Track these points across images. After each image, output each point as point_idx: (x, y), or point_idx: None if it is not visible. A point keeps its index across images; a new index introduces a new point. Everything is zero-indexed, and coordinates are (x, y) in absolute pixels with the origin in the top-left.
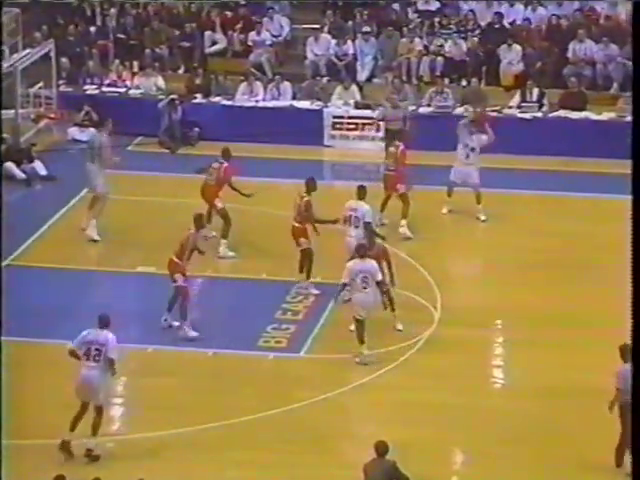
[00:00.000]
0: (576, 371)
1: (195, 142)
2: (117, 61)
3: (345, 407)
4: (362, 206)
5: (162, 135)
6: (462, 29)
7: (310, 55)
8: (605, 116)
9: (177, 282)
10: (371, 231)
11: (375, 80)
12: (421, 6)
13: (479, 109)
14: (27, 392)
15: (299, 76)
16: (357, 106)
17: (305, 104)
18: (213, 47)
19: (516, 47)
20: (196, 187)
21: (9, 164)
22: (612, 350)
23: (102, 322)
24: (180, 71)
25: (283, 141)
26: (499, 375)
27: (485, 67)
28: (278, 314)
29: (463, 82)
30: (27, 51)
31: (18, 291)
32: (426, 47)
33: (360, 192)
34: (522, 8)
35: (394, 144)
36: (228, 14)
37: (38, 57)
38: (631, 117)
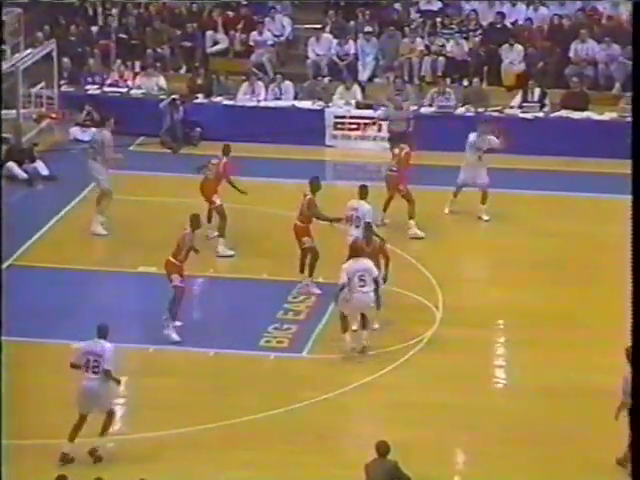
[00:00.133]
0: (577, 371)
1: (197, 142)
2: (119, 61)
3: (346, 407)
4: (363, 205)
5: (164, 135)
6: (464, 29)
7: (312, 55)
8: (607, 116)
9: (173, 282)
10: (371, 231)
11: (377, 80)
12: (423, 6)
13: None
14: (27, 392)
15: (301, 76)
16: (358, 106)
17: (307, 104)
18: (215, 47)
19: (518, 47)
20: (198, 187)
21: (11, 164)
22: (613, 350)
23: (100, 332)
24: (182, 71)
25: (285, 141)
26: (500, 375)
27: (487, 67)
28: (280, 314)
29: (465, 82)
30: (29, 51)
31: (20, 291)
32: (428, 47)
33: (362, 192)
34: (524, 8)
35: (399, 146)
36: (230, 14)
37: (40, 57)
38: (631, 117)
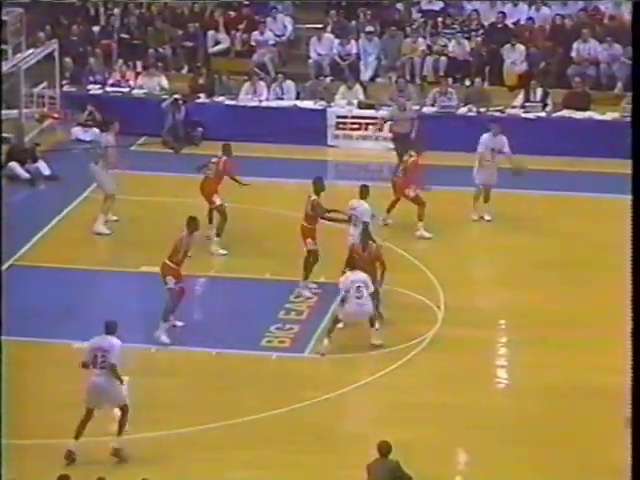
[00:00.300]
0: (578, 371)
1: (199, 142)
2: (120, 61)
3: (348, 407)
4: (361, 205)
5: (166, 135)
6: (466, 29)
7: (313, 55)
8: (609, 116)
9: (168, 284)
10: (367, 236)
11: (378, 80)
12: (424, 6)
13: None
14: (28, 392)
15: (302, 76)
16: (360, 106)
17: (308, 104)
18: (216, 47)
19: (520, 47)
20: (199, 187)
21: (13, 164)
22: (613, 350)
23: (108, 328)
24: (183, 71)
25: (286, 141)
26: (502, 375)
27: (489, 67)
28: (281, 314)
29: (467, 82)
30: (31, 51)
31: (22, 291)
32: (429, 47)
33: (362, 191)
34: (526, 8)
35: (409, 153)
36: (231, 14)
37: (42, 57)
38: (631, 117)
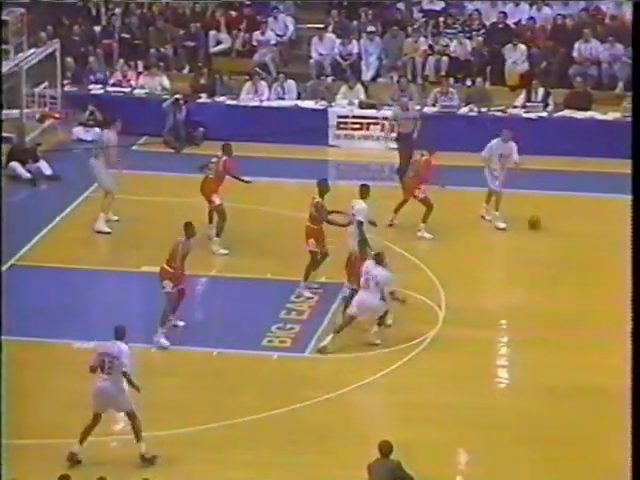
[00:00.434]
0: (579, 371)
1: (200, 142)
2: (122, 61)
3: (349, 407)
4: (359, 204)
5: (167, 135)
6: (467, 29)
7: (315, 55)
8: (610, 116)
9: (165, 289)
10: (365, 244)
11: (380, 80)
12: (426, 5)
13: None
14: (29, 392)
15: (304, 76)
16: (362, 106)
17: (310, 104)
18: (218, 47)
19: (521, 47)
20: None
21: (14, 164)
22: (613, 350)
23: (117, 333)
24: (185, 71)
25: (288, 141)
26: (503, 375)
27: (490, 67)
28: (282, 314)
29: (468, 82)
30: (32, 51)
31: (23, 291)
32: (431, 47)
33: (362, 191)
34: (527, 8)
35: (420, 153)
36: (233, 14)
37: (43, 57)
38: (631, 117)
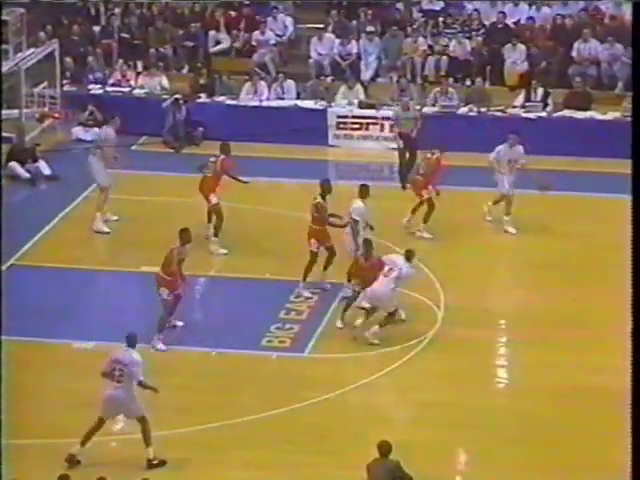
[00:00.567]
0: (579, 371)
1: (199, 142)
2: (121, 61)
3: (348, 407)
4: (356, 203)
5: (166, 135)
6: (466, 28)
7: (314, 55)
8: (610, 116)
9: (161, 296)
10: (370, 246)
11: (379, 80)
12: (425, 5)
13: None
14: (28, 392)
15: (303, 75)
16: (361, 106)
17: (309, 104)
18: (217, 47)
19: (520, 46)
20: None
21: (13, 163)
22: (613, 350)
23: (129, 341)
24: (184, 71)
25: (287, 141)
26: (502, 375)
27: (489, 67)
28: (282, 314)
29: (467, 82)
30: (31, 50)
31: (22, 291)
32: (430, 47)
33: (361, 191)
34: (526, 7)
35: (431, 151)
36: (232, 14)
37: (42, 57)
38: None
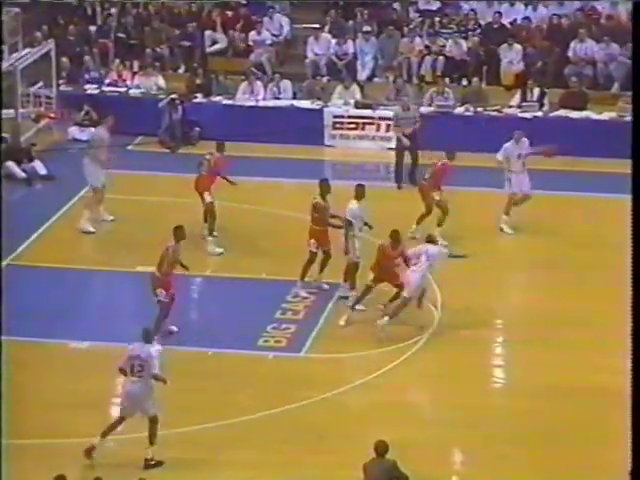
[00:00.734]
0: (579, 371)
1: (196, 141)
2: (117, 60)
3: (345, 407)
4: (351, 204)
5: (162, 134)
6: (463, 28)
7: (310, 54)
8: (606, 115)
9: (158, 297)
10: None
11: (376, 80)
12: (422, 5)
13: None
14: (26, 392)
15: (299, 75)
16: (357, 106)
17: (305, 103)
18: (214, 46)
19: (517, 46)
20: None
21: (10, 163)
22: (613, 350)
23: (146, 336)
24: (180, 70)
25: (284, 141)
26: (499, 375)
27: (486, 66)
28: (278, 314)
29: (464, 82)
30: (27, 50)
31: (18, 291)
32: (427, 47)
33: (356, 191)
34: (523, 7)
35: (439, 157)
36: (229, 14)
37: (38, 56)
38: (631, 117)
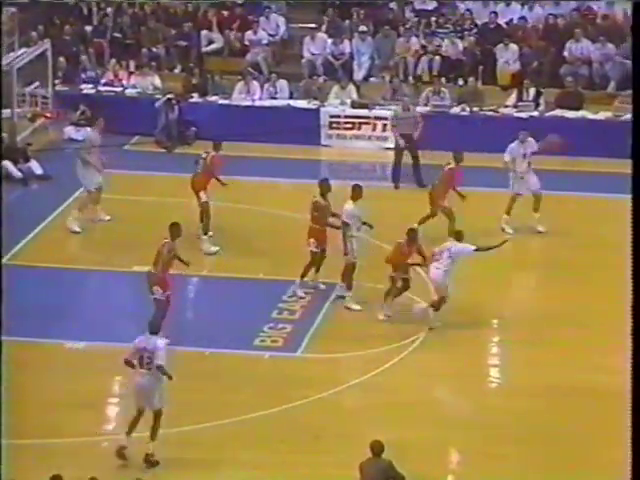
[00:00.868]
0: (577, 371)
1: (192, 141)
2: (113, 60)
3: (341, 406)
4: (347, 204)
5: (159, 134)
6: (459, 28)
7: (307, 54)
8: (602, 115)
9: (154, 295)
10: (415, 233)
11: (372, 79)
12: (418, 5)
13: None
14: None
15: (296, 75)
16: (354, 105)
17: (302, 103)
18: (210, 46)
19: (513, 46)
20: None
21: (6, 162)
22: (612, 350)
23: (152, 328)
24: (177, 70)
25: (280, 140)
26: (495, 375)
27: (482, 66)
28: (274, 313)
29: (460, 81)
30: (23, 50)
31: (14, 290)
32: (423, 46)
33: (353, 191)
34: (519, 7)
35: (447, 162)
36: (225, 13)
37: (34, 56)
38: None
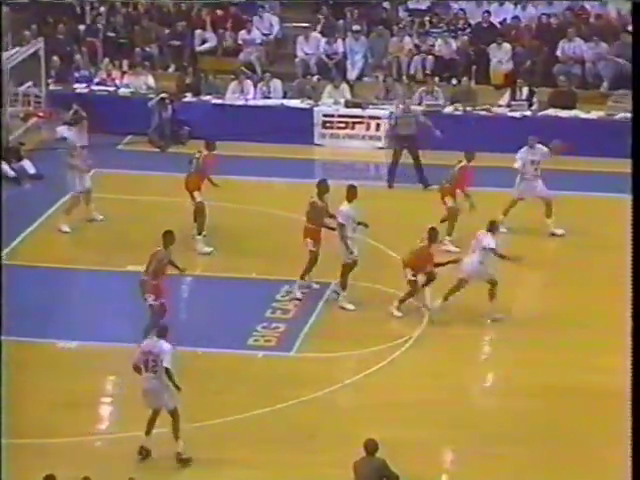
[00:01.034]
0: (577, 371)
1: (185, 141)
2: (107, 59)
3: (335, 406)
4: (343, 205)
5: (152, 134)
6: (452, 28)
7: (300, 54)
8: (594, 114)
9: (147, 301)
10: (435, 233)
11: (365, 79)
12: (411, 5)
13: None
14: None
15: (289, 75)
16: (347, 105)
17: (295, 103)
18: (203, 46)
19: (506, 46)
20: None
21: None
22: (612, 350)
23: (159, 332)
24: (170, 70)
25: (273, 140)
26: (489, 374)
27: (475, 66)
28: (268, 313)
29: (453, 81)
30: (16, 49)
31: (8, 290)
32: (416, 46)
33: (348, 192)
34: (512, 7)
35: (458, 161)
36: (218, 13)
37: (27, 55)
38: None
